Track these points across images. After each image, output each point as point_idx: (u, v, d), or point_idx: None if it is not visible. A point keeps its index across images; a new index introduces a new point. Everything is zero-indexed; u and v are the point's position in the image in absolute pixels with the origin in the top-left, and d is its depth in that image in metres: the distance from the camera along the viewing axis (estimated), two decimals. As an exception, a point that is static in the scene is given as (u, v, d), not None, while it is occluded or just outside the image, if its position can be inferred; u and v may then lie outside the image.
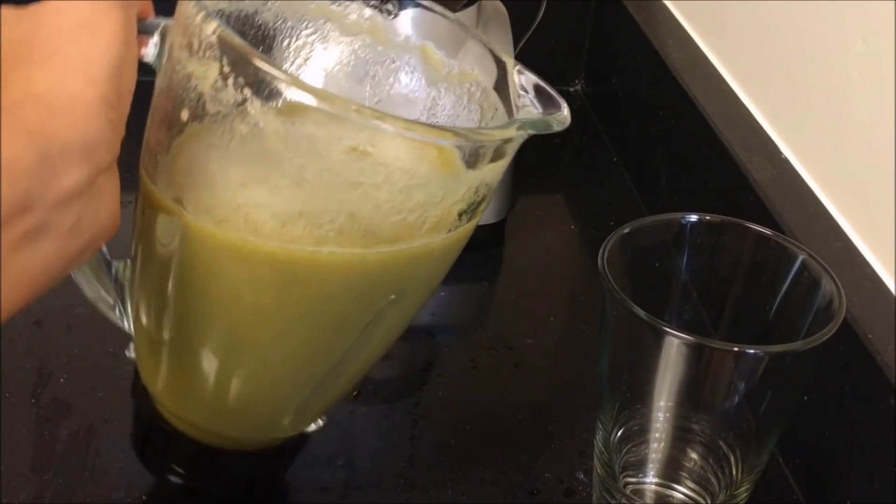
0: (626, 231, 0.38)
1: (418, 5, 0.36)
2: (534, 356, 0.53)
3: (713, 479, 0.39)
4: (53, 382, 0.48)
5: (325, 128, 0.28)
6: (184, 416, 0.36)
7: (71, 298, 0.54)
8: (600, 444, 0.39)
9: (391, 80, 0.38)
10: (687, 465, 0.39)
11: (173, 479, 0.38)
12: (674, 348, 0.34)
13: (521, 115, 0.33)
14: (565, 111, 0.32)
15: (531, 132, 0.31)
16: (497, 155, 0.31)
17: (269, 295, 0.31)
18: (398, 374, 0.51)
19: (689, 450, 0.39)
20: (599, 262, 0.35)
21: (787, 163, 0.52)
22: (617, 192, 0.68)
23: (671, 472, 0.40)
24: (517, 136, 0.31)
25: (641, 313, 0.33)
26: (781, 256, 0.38)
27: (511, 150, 0.32)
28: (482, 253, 0.61)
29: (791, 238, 0.38)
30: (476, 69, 0.36)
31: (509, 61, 0.35)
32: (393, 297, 0.33)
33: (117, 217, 0.27)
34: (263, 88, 0.27)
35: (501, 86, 0.35)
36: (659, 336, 0.34)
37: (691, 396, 0.36)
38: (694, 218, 0.39)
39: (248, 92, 0.28)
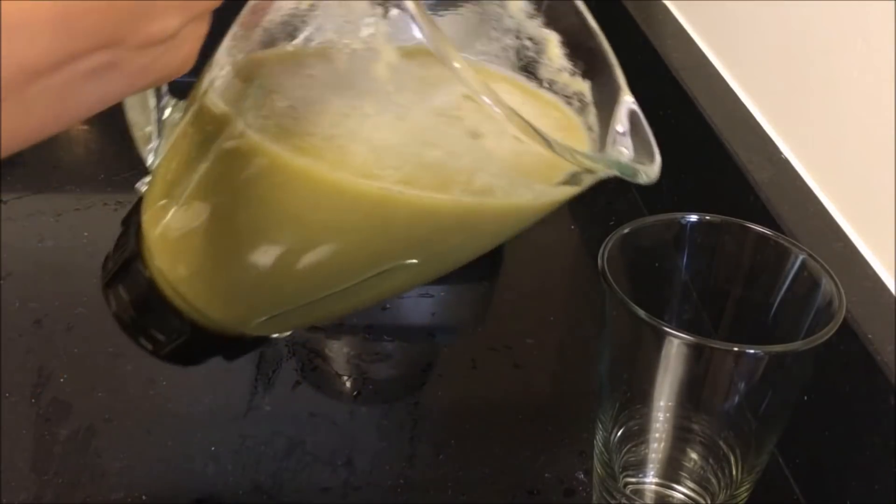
0: (626, 231, 0.38)
1: None
2: (534, 356, 0.53)
3: (713, 479, 0.39)
4: (53, 382, 0.48)
5: (436, 85, 0.27)
6: (166, 269, 0.35)
7: (71, 298, 0.54)
8: (600, 444, 0.39)
9: (499, 51, 0.36)
10: (687, 465, 0.39)
11: (124, 315, 0.37)
12: (674, 348, 0.34)
13: (612, 151, 0.31)
14: (656, 166, 0.31)
15: (615, 173, 0.29)
16: (574, 180, 0.30)
17: (319, 218, 0.30)
18: (398, 374, 0.51)
19: (689, 450, 0.39)
20: (599, 262, 0.35)
21: (787, 163, 0.52)
22: (617, 192, 0.68)
23: (671, 472, 0.40)
24: (602, 172, 0.29)
25: (641, 313, 0.33)
26: (781, 256, 0.38)
27: (587, 182, 0.31)
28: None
29: (791, 238, 0.38)
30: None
31: (625, 87, 0.33)
32: (449, 245, 0.32)
33: (192, 62, 0.26)
34: (398, 20, 0.26)
35: (604, 106, 0.34)
36: (659, 336, 0.34)
37: (691, 396, 0.36)
38: (694, 218, 0.39)
39: (380, 11, 0.26)
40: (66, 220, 0.62)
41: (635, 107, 0.33)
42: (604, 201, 0.68)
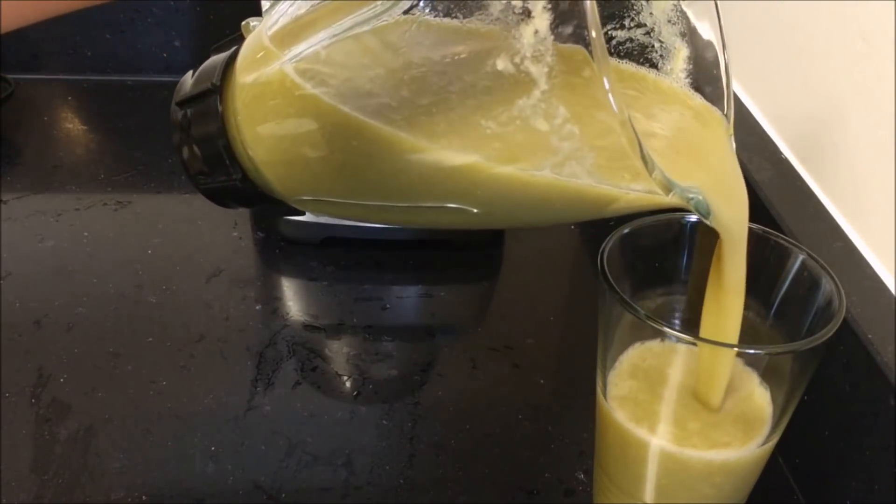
0: (626, 231, 0.38)
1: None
2: (534, 356, 0.53)
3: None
4: (53, 382, 0.48)
5: (573, 69, 0.26)
6: (241, 116, 0.35)
7: (71, 298, 0.54)
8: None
9: (624, 41, 0.36)
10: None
11: (181, 138, 0.36)
12: (674, 348, 0.34)
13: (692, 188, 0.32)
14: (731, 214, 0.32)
15: (691, 209, 0.30)
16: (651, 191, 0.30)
17: (399, 172, 0.30)
18: (398, 374, 0.51)
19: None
20: (599, 262, 0.35)
21: (787, 163, 0.52)
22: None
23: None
24: (680, 203, 0.30)
25: (641, 313, 0.33)
26: (781, 256, 0.38)
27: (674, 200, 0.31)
28: (482, 253, 0.61)
29: (791, 238, 0.38)
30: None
31: (731, 116, 0.33)
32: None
33: None
34: (571, 18, 0.25)
35: None
36: (659, 336, 0.34)
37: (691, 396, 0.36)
38: (694, 218, 0.39)
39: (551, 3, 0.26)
40: (66, 220, 0.62)
41: (732, 135, 0.34)
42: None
